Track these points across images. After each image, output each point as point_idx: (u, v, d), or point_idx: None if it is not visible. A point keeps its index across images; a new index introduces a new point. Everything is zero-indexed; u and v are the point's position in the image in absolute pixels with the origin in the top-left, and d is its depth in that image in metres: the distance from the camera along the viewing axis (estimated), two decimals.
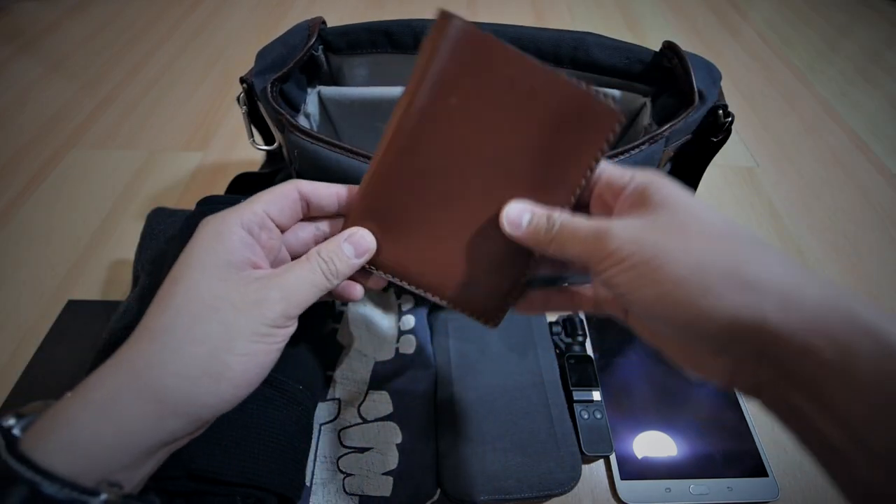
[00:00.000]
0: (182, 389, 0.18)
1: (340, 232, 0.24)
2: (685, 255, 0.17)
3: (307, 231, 0.26)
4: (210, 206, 0.35)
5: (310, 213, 0.25)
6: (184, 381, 0.18)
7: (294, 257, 0.25)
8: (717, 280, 0.16)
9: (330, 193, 0.25)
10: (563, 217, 0.21)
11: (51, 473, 0.16)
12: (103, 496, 0.16)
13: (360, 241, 0.23)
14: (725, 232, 0.18)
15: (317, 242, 0.26)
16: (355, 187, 0.24)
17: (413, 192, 0.22)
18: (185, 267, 0.20)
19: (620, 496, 0.33)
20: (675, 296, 0.17)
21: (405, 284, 0.25)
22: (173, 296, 0.19)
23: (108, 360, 0.18)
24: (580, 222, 0.20)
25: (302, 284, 0.22)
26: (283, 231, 0.24)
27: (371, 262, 0.24)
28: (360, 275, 0.25)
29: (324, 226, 0.26)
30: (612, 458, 0.34)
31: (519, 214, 0.22)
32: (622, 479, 0.33)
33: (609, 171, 0.22)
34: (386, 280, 0.25)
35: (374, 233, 0.23)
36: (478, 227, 0.23)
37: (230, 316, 0.19)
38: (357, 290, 0.26)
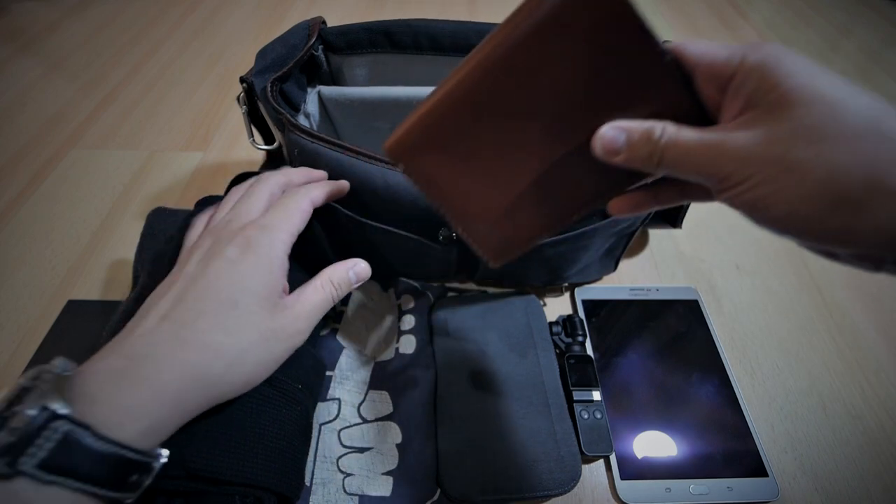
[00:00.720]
0: (231, 393, 0.24)
1: (345, 261, 0.29)
2: (815, 168, 0.15)
3: None
4: (209, 206, 0.35)
5: None
6: (233, 388, 0.24)
7: None
8: (851, 195, 0.14)
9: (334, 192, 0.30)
10: (668, 131, 0.18)
11: (134, 449, 0.20)
12: (164, 454, 0.21)
13: (361, 272, 0.29)
14: (867, 129, 0.15)
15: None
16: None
17: (478, 115, 0.21)
18: (241, 291, 0.23)
19: (620, 496, 0.33)
20: (804, 214, 0.15)
21: (426, 194, 0.24)
22: (234, 318, 0.23)
23: (171, 361, 0.21)
24: (689, 136, 0.17)
25: (319, 311, 0.26)
26: None
27: (405, 162, 0.23)
28: None
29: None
30: (612, 458, 0.34)
31: (614, 136, 0.19)
32: (622, 478, 0.33)
33: (709, 54, 0.18)
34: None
35: (420, 137, 0.22)
36: (533, 165, 0.22)
37: (275, 347, 0.24)
38: None
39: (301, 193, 0.27)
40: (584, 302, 0.43)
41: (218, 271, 0.23)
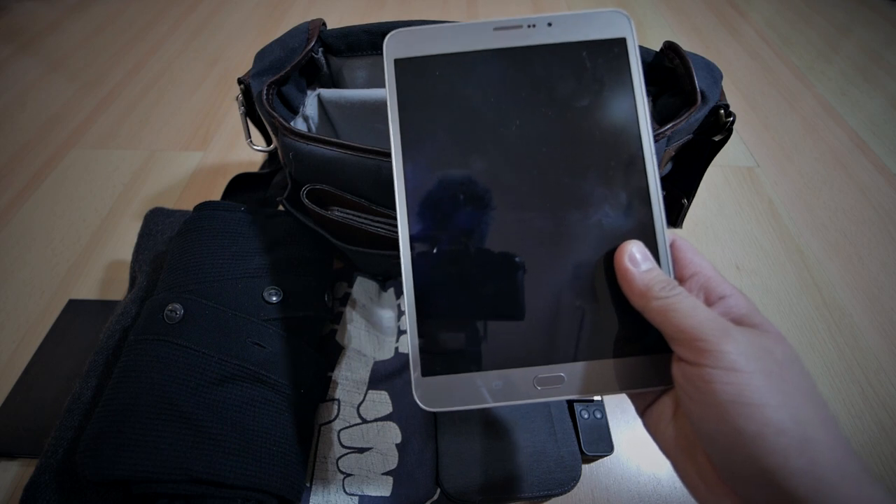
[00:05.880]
0: None
1: None
2: (781, 410, 0.16)
3: None
4: (209, 210, 0.35)
5: None
6: None
7: None
8: (789, 442, 0.16)
9: None
10: (682, 288, 0.19)
11: None
12: None
13: None
14: (811, 394, 0.17)
15: None
16: None
17: None
18: None
19: (420, 401, 0.20)
20: (752, 433, 0.16)
21: None
22: None
23: None
24: (701, 304, 0.19)
25: None
26: None
27: None
28: None
29: None
30: (412, 343, 0.21)
31: (642, 254, 0.21)
32: (424, 374, 0.20)
33: (710, 274, 0.21)
34: None
35: None
36: None
37: None
38: None
39: None
40: (400, 63, 0.23)
41: None
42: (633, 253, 0.20)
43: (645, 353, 0.21)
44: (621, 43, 0.22)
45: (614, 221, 0.21)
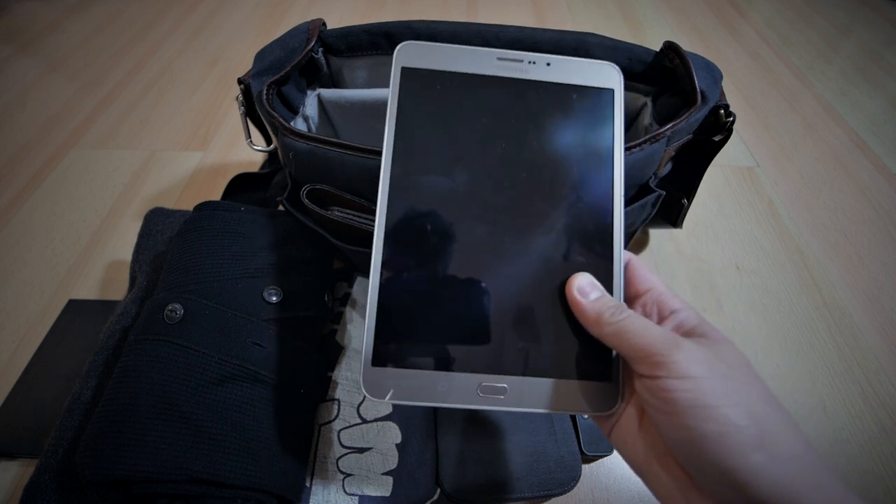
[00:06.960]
0: None
1: None
2: (737, 408, 0.17)
3: None
4: (209, 210, 0.35)
5: None
6: None
7: None
8: (747, 438, 0.16)
9: None
10: (631, 311, 0.21)
11: None
12: None
13: None
14: (765, 394, 0.18)
15: None
16: None
17: None
18: None
19: (365, 388, 0.21)
20: (715, 433, 0.17)
21: None
22: None
23: None
24: (650, 322, 0.20)
25: None
26: None
27: None
28: None
29: None
30: (367, 331, 0.22)
31: (591, 285, 0.22)
32: (373, 364, 0.21)
33: (662, 290, 0.23)
34: None
35: None
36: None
37: None
38: None
39: None
40: (406, 71, 0.24)
41: None
42: (582, 285, 0.22)
43: (585, 378, 0.22)
44: (609, 93, 0.24)
45: (577, 248, 0.23)
